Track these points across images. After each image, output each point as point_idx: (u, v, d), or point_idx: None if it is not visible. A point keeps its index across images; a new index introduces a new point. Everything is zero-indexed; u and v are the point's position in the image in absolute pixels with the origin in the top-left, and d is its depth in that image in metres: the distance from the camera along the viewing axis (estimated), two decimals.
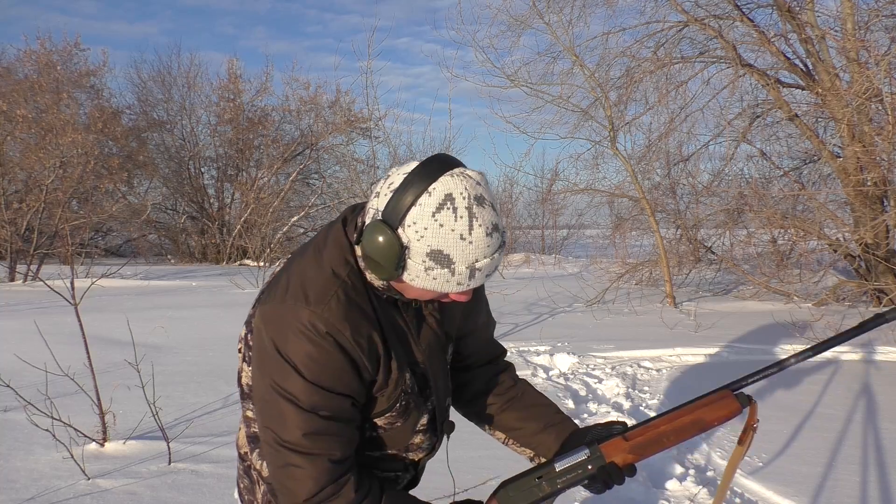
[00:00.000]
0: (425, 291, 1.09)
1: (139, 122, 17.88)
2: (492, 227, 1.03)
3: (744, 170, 9.67)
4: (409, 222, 1.01)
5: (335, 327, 1.06)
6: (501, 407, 1.37)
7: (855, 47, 6.81)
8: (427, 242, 1.01)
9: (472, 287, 1.07)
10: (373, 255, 1.03)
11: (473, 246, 1.01)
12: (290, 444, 1.06)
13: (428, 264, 1.02)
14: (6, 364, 4.06)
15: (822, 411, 4.02)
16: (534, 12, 8.81)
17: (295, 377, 1.05)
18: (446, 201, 1.00)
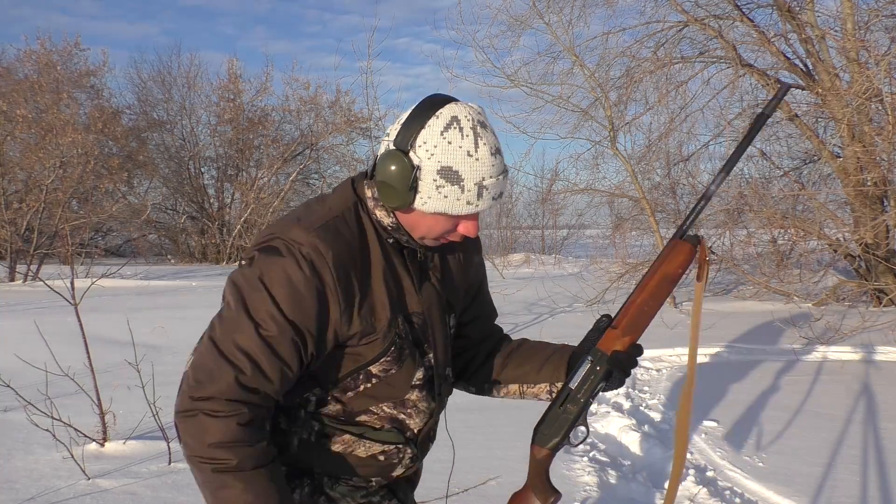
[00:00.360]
0: (436, 220, 1.12)
1: (139, 122, 17.88)
2: (495, 149, 1.10)
3: (744, 170, 9.67)
4: (420, 143, 1.08)
5: (319, 250, 1.07)
6: (503, 364, 1.38)
7: (855, 47, 6.81)
8: (437, 160, 1.07)
9: (480, 208, 1.11)
10: (387, 180, 1.09)
11: (480, 163, 1.08)
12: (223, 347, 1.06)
13: (439, 182, 1.08)
14: (6, 364, 4.06)
15: (822, 411, 4.02)
16: (534, 12, 8.81)
17: (265, 298, 1.06)
18: (453, 122, 1.08)
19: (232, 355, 1.05)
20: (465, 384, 1.44)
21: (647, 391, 4.55)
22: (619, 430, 3.69)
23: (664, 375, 4.95)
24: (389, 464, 1.24)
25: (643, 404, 4.28)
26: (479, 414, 3.91)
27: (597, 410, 4.10)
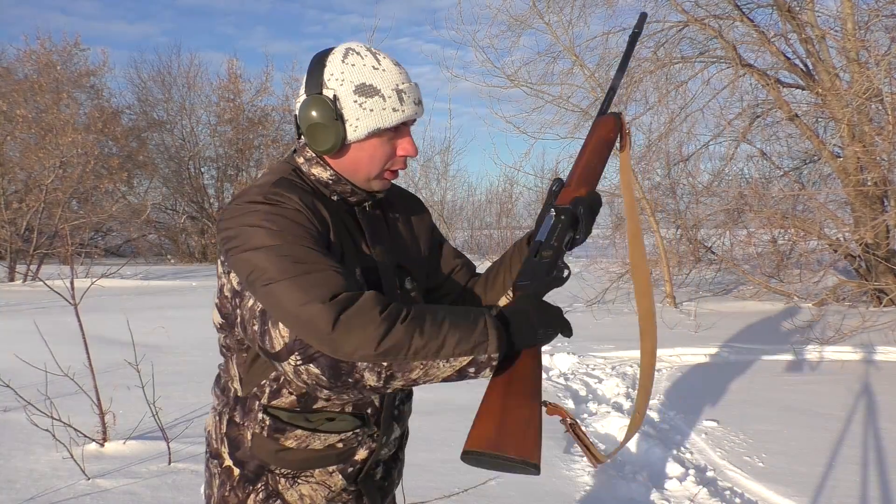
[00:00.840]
0: (372, 146, 1.15)
1: (139, 122, 17.88)
2: (395, 62, 1.17)
3: (744, 170, 9.67)
4: (327, 78, 1.13)
5: (282, 193, 1.09)
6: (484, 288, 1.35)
7: (855, 47, 6.81)
8: (350, 80, 1.12)
9: (407, 114, 1.14)
10: (312, 123, 1.12)
11: (388, 73, 1.14)
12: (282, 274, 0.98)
13: (359, 100, 1.12)
14: (6, 364, 4.06)
15: (822, 411, 4.02)
16: (534, 12, 8.81)
17: (259, 231, 1.03)
18: (348, 52, 1.15)
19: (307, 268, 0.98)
20: None
21: None
22: (619, 430, 3.69)
23: (664, 375, 4.95)
24: (349, 449, 1.20)
25: None
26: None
27: (597, 410, 4.10)
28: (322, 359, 0.94)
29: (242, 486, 1.19)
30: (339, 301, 0.95)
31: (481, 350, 0.99)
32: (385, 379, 0.96)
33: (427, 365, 0.97)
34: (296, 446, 1.16)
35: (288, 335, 0.96)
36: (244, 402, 1.18)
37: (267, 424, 1.16)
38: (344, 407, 1.17)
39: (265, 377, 1.15)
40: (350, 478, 1.22)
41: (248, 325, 1.02)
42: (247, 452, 1.18)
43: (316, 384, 0.98)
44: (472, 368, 1.00)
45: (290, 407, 1.15)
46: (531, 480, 2.97)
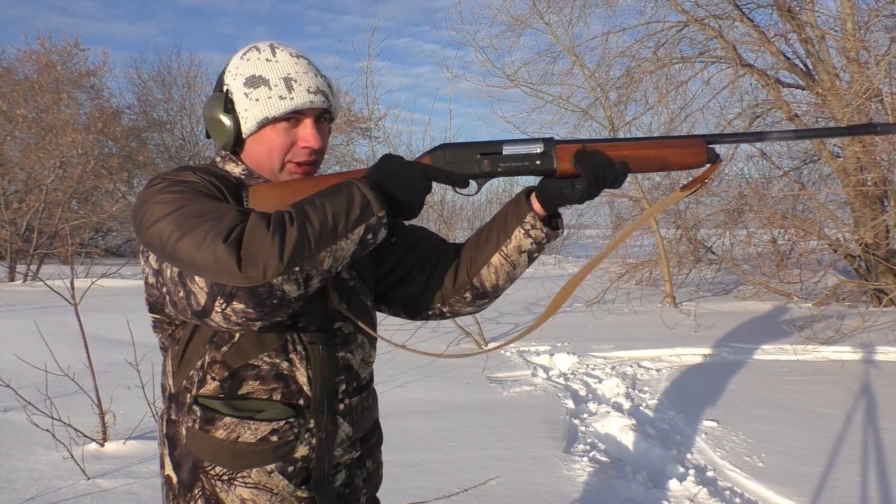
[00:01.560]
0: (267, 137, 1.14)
1: (139, 122, 17.88)
2: (297, 54, 1.16)
3: (744, 169, 9.71)
4: (226, 75, 1.16)
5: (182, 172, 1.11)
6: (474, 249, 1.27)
7: (855, 47, 6.81)
8: (241, 74, 1.14)
9: (297, 102, 1.12)
10: (209, 118, 1.15)
11: (280, 64, 1.14)
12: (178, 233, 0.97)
13: (247, 91, 1.13)
14: (6, 364, 4.06)
15: (822, 411, 4.02)
16: (534, 12, 8.82)
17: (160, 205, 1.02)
18: (251, 49, 1.17)
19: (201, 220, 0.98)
20: (461, 298, 1.30)
21: (647, 391, 4.55)
22: (619, 430, 3.69)
23: (664, 375, 4.95)
24: (286, 443, 1.14)
25: (643, 404, 4.28)
26: (479, 414, 3.91)
27: (597, 410, 4.10)
28: (241, 292, 0.94)
29: (183, 494, 1.17)
30: (235, 235, 0.95)
31: (369, 213, 1.01)
32: (304, 282, 0.97)
33: (332, 250, 0.99)
34: (225, 437, 1.12)
35: (205, 284, 0.95)
36: (177, 397, 1.17)
37: (198, 416, 1.14)
38: (272, 395, 1.14)
39: (193, 367, 1.14)
40: (295, 480, 1.16)
41: (174, 296, 1.01)
42: (183, 449, 1.16)
43: (246, 320, 0.97)
44: (369, 235, 1.02)
45: (215, 394, 1.13)
46: (531, 480, 2.97)
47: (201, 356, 1.13)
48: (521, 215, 1.20)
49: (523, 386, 4.52)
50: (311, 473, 1.18)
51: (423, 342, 5.56)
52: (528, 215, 1.19)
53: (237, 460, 1.13)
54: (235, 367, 1.12)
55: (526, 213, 1.19)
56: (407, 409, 3.93)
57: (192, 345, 1.14)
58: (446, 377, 4.74)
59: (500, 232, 1.23)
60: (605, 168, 1.12)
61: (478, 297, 1.29)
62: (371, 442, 1.31)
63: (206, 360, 1.13)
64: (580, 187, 1.12)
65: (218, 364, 1.12)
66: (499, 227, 1.23)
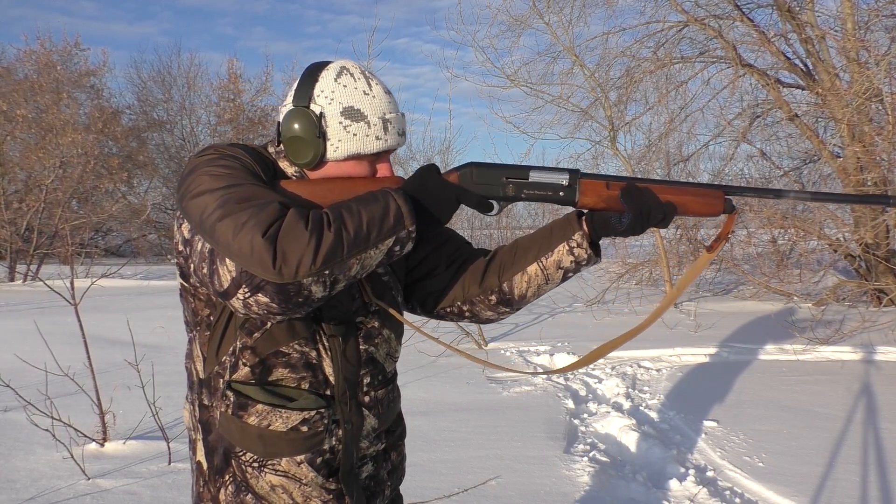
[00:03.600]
0: (350, 167, 1.16)
1: (139, 122, 17.90)
2: (387, 89, 1.18)
3: (744, 170, 9.66)
4: (317, 94, 1.14)
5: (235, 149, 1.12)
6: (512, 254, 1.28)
7: (855, 47, 6.80)
8: (338, 102, 1.14)
9: (389, 143, 1.16)
10: (294, 135, 1.13)
11: (377, 100, 1.16)
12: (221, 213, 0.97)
13: (345, 123, 1.13)
14: (6, 364, 4.06)
15: (822, 411, 4.02)
16: (534, 12, 8.81)
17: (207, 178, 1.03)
18: (342, 71, 1.16)
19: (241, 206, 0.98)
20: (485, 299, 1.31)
21: (647, 391, 4.55)
22: (619, 430, 3.69)
23: (664, 375, 4.95)
24: (315, 433, 1.16)
25: (643, 404, 4.28)
26: (478, 414, 3.91)
27: (597, 410, 4.10)
28: (268, 286, 0.95)
29: (213, 479, 1.20)
30: (273, 230, 0.95)
31: (401, 226, 1.04)
32: (330, 285, 0.99)
33: (362, 258, 1.01)
34: (257, 423, 1.14)
35: (234, 269, 0.96)
36: (208, 382, 1.18)
37: (231, 401, 1.15)
38: (300, 383, 1.16)
39: (226, 353, 1.15)
40: (323, 472, 1.18)
41: (199, 270, 1.03)
42: (216, 434, 1.18)
43: (267, 312, 0.99)
44: (397, 247, 1.04)
45: (246, 379, 1.15)
46: (531, 480, 2.97)
47: (233, 342, 1.15)
48: (569, 232, 1.23)
49: (523, 386, 4.52)
50: (338, 465, 1.20)
51: (423, 342, 5.56)
52: (577, 233, 1.22)
53: (268, 447, 1.15)
54: (266, 353, 1.15)
55: (575, 230, 1.23)
56: (407, 409, 3.91)
57: (227, 331, 1.16)
58: (446, 377, 4.74)
59: (542, 244, 1.26)
60: (653, 207, 1.16)
61: (502, 302, 1.31)
62: (395, 434, 1.35)
63: (238, 345, 1.15)
64: (626, 221, 1.16)
65: (249, 350, 1.14)
66: (542, 238, 1.26)
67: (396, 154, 14.33)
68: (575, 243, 1.22)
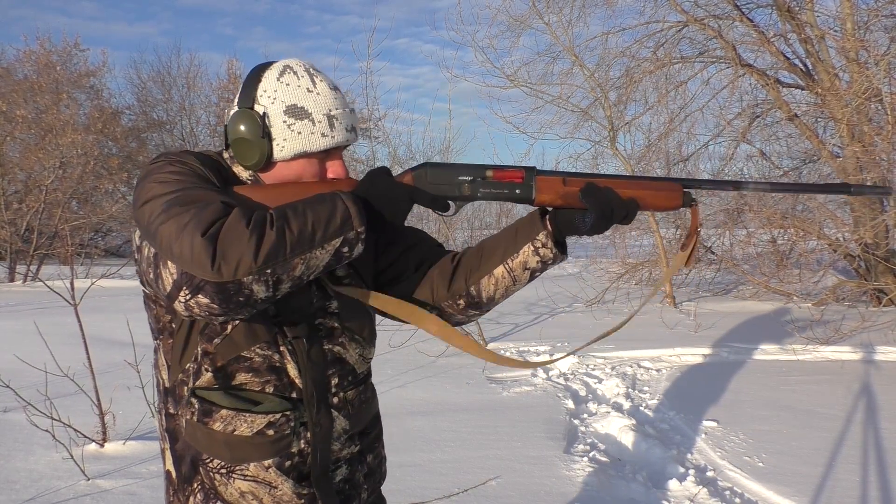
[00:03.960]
0: (300, 165, 1.15)
1: (139, 122, 17.91)
2: (334, 86, 1.16)
3: (743, 170, 9.66)
4: (260, 94, 1.14)
5: (185, 155, 1.12)
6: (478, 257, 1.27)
7: (854, 47, 6.81)
8: (281, 100, 1.13)
9: (337, 140, 1.14)
10: (239, 137, 1.13)
11: (322, 97, 1.14)
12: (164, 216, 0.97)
13: (289, 121, 1.12)
14: (6, 364, 4.05)
15: (822, 411, 4.02)
16: (533, 12, 8.81)
17: (155, 185, 1.03)
18: (285, 69, 1.16)
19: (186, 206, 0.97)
20: (454, 304, 1.29)
21: (647, 391, 4.55)
22: (619, 430, 3.69)
23: (664, 375, 4.95)
24: (282, 437, 1.14)
25: (643, 404, 4.28)
26: (478, 414, 3.91)
27: (597, 410, 4.10)
28: (208, 286, 0.94)
29: (182, 488, 1.18)
30: (214, 229, 0.95)
31: (348, 227, 1.02)
32: (273, 285, 0.98)
33: (306, 258, 0.99)
34: (222, 429, 1.13)
35: (175, 271, 0.95)
36: (173, 390, 1.18)
37: (196, 408, 1.14)
38: (265, 387, 1.14)
39: (189, 360, 1.15)
40: (293, 475, 1.16)
41: (146, 275, 1.03)
42: (183, 442, 1.17)
43: (209, 314, 0.97)
44: (345, 248, 1.03)
45: (209, 385, 1.14)
46: (531, 480, 2.97)
47: (195, 348, 1.14)
48: (533, 232, 1.21)
49: (523, 386, 4.52)
50: (309, 469, 1.18)
51: (423, 342, 5.56)
52: (541, 233, 1.21)
53: (235, 453, 1.13)
54: (227, 358, 1.13)
55: (539, 230, 1.21)
56: (407, 409, 3.93)
57: (190, 338, 1.15)
58: (446, 377, 4.74)
59: (508, 245, 1.24)
60: (615, 204, 1.14)
61: (471, 305, 1.28)
62: (371, 436, 1.31)
63: (199, 351, 1.14)
64: (589, 221, 1.15)
65: (210, 356, 1.13)
66: (507, 240, 1.24)
67: (396, 155, 14.30)
68: (540, 243, 1.21)
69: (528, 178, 1.18)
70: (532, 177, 1.18)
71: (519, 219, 1.26)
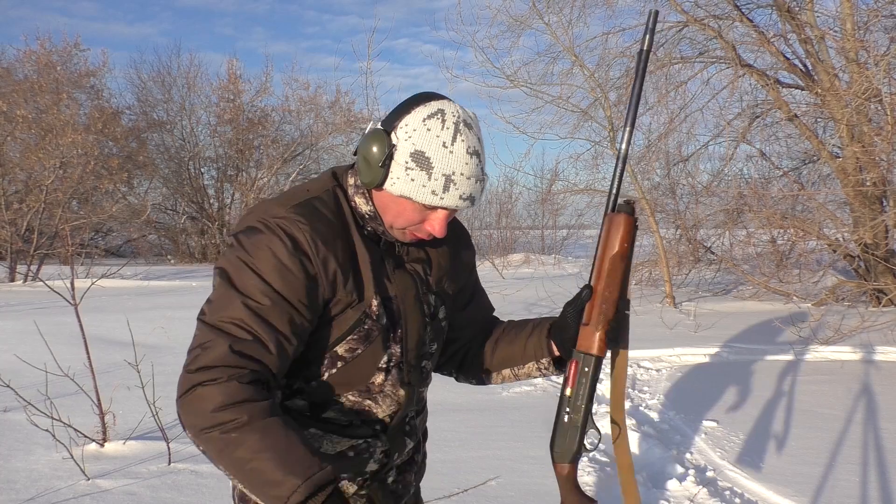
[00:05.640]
0: (402, 205, 1.12)
1: (139, 122, 17.90)
2: (473, 150, 1.11)
3: (743, 170, 9.68)
4: (402, 125, 1.10)
5: (297, 224, 1.09)
6: (492, 351, 1.37)
7: (854, 47, 6.81)
8: (412, 142, 1.09)
9: (445, 203, 1.10)
10: (364, 155, 1.11)
11: (454, 156, 1.09)
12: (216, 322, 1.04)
13: (409, 164, 1.09)
14: (6, 364, 4.06)
15: (822, 411, 4.02)
16: (533, 13, 8.81)
17: (249, 272, 1.06)
18: (438, 113, 1.10)
19: (224, 326, 1.03)
20: (465, 377, 1.43)
21: (647, 391, 4.56)
22: None
23: (664, 375, 4.95)
24: (360, 459, 1.20)
25: (643, 404, 4.28)
26: (478, 414, 3.91)
27: (597, 410, 4.10)
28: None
29: None
30: (204, 374, 1.01)
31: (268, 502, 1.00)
32: (205, 454, 1.05)
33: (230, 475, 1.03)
34: None
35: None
36: None
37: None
38: (352, 421, 1.20)
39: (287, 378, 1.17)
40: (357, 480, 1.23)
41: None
42: None
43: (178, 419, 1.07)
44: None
45: (301, 410, 1.18)
46: (531, 480, 2.97)
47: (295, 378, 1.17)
48: (538, 356, 1.31)
49: (523, 386, 4.52)
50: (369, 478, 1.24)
51: None
52: (544, 359, 1.31)
53: None
54: (321, 399, 1.18)
55: (543, 355, 1.31)
56: None
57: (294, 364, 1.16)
58: (446, 377, 4.74)
59: (516, 355, 1.34)
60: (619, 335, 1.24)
61: (478, 383, 1.42)
62: (422, 442, 1.38)
63: (296, 385, 1.18)
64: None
65: (304, 393, 1.18)
66: (517, 351, 1.34)
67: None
68: (543, 365, 1.32)
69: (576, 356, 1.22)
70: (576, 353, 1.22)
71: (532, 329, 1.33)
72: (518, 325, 1.37)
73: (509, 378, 1.37)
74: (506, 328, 1.38)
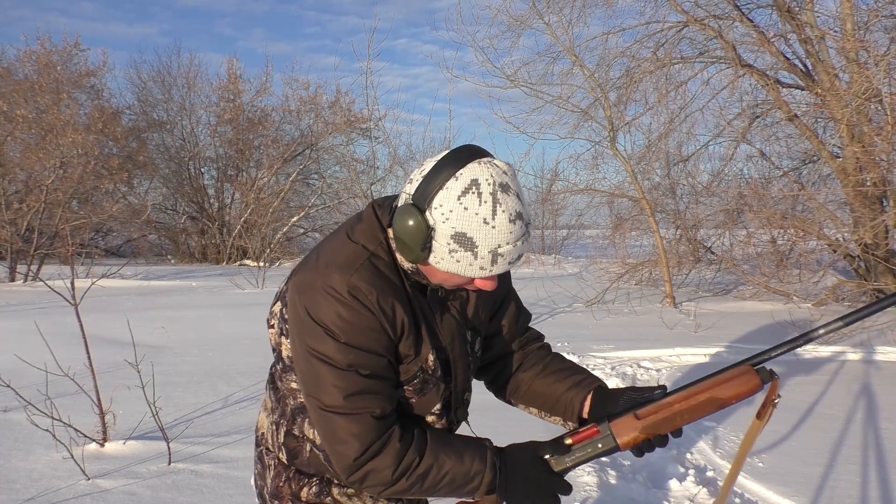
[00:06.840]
0: (450, 276, 1.12)
1: (139, 122, 17.90)
2: (515, 215, 1.07)
3: (743, 170, 9.68)
4: (436, 205, 1.06)
5: (362, 291, 1.09)
6: (529, 384, 1.37)
7: (854, 47, 6.81)
8: (452, 225, 1.05)
9: (494, 273, 1.10)
10: (402, 237, 1.08)
11: (496, 231, 1.05)
12: (331, 407, 1.10)
13: (452, 247, 1.06)
14: (6, 364, 4.06)
15: (822, 411, 4.02)
16: (534, 12, 8.81)
17: (328, 340, 1.09)
18: (472, 186, 1.05)
19: (353, 406, 1.09)
20: (494, 391, 1.45)
21: None
22: None
23: (664, 375, 4.95)
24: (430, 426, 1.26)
25: None
26: (479, 414, 3.89)
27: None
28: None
29: (297, 478, 1.26)
30: (368, 453, 1.10)
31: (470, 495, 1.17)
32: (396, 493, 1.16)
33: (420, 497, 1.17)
34: None
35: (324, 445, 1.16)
36: (304, 414, 1.24)
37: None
38: None
39: None
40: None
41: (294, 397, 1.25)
42: (304, 462, 1.26)
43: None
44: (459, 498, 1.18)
45: None
46: None
47: None
48: (567, 416, 1.31)
49: None
50: None
51: None
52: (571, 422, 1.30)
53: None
54: None
55: (573, 419, 1.30)
56: None
57: None
58: None
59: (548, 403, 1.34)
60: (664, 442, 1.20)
61: (497, 396, 1.46)
62: None
63: None
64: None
65: None
66: (551, 400, 1.34)
67: (396, 154, 14.22)
68: (570, 423, 1.31)
69: (604, 430, 1.17)
70: (607, 427, 1.17)
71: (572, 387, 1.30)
72: (561, 371, 1.35)
73: (534, 414, 1.39)
74: (547, 365, 1.37)
